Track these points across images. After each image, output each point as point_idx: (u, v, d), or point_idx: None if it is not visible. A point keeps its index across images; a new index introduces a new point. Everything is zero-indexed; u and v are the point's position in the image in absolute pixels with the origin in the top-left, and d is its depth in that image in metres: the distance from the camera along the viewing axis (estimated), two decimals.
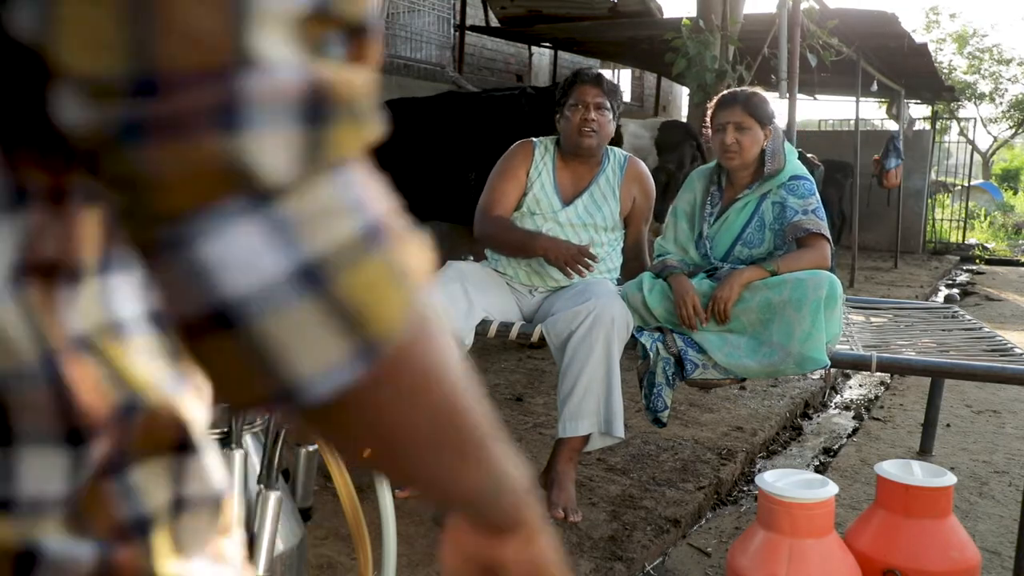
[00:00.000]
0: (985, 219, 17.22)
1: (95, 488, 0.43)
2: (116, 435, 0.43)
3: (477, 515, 0.54)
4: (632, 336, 2.71)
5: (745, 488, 3.43)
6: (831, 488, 2.06)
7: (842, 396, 5.12)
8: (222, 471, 0.50)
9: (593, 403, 2.57)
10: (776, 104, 3.83)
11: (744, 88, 2.93)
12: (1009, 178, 27.71)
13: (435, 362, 0.43)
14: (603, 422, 2.59)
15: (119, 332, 0.44)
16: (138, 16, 0.32)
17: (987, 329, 3.25)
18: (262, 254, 0.35)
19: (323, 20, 0.36)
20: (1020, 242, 16.18)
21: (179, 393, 0.48)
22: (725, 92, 2.97)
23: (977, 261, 13.06)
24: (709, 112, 2.89)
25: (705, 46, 5.47)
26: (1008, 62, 25.32)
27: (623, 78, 14.87)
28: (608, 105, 2.86)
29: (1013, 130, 27.56)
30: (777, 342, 2.58)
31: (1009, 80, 25.61)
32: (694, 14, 5.79)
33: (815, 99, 11.83)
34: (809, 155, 6.38)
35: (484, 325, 2.76)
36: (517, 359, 5.06)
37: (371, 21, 0.39)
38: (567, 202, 2.90)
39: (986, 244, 14.64)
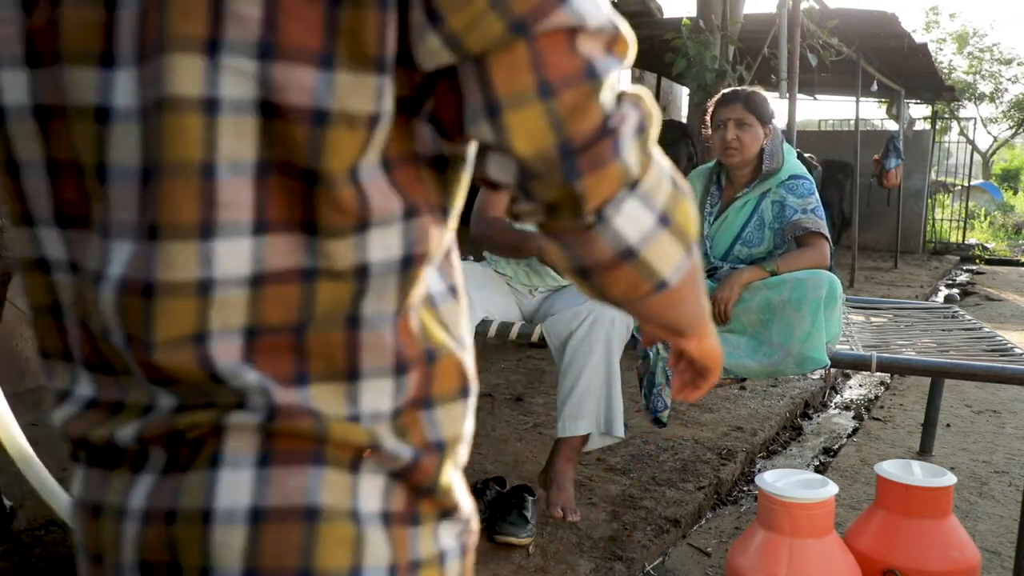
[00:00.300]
0: (985, 219, 17.22)
1: (411, 414, 0.64)
2: (422, 374, 0.65)
3: (692, 334, 0.82)
4: (632, 336, 2.71)
5: (745, 488, 3.43)
6: (831, 488, 2.06)
7: (842, 396, 5.12)
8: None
9: (592, 403, 2.57)
10: (776, 104, 3.84)
11: (745, 87, 2.94)
12: (1009, 178, 27.70)
13: (700, 260, 0.73)
14: (603, 422, 2.59)
15: (431, 301, 0.67)
16: (556, 118, 0.57)
17: (987, 329, 3.25)
18: (641, 215, 0.63)
19: (611, 45, 0.60)
20: (1020, 242, 16.18)
21: (463, 352, 0.69)
22: (726, 90, 2.98)
23: (977, 261, 13.06)
24: (709, 110, 2.89)
25: (705, 46, 5.47)
26: (1008, 62, 25.31)
27: (623, 78, 14.88)
28: None
29: (1013, 130, 27.56)
30: (777, 342, 2.58)
31: (1009, 80, 25.62)
32: (694, 14, 5.79)
33: (815, 99, 11.83)
34: (807, 155, 6.37)
35: (484, 325, 2.76)
36: (517, 359, 5.06)
37: (621, 26, 0.61)
38: None
39: (986, 244, 14.64)
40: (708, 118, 2.89)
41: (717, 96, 2.91)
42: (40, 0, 0.59)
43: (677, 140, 5.49)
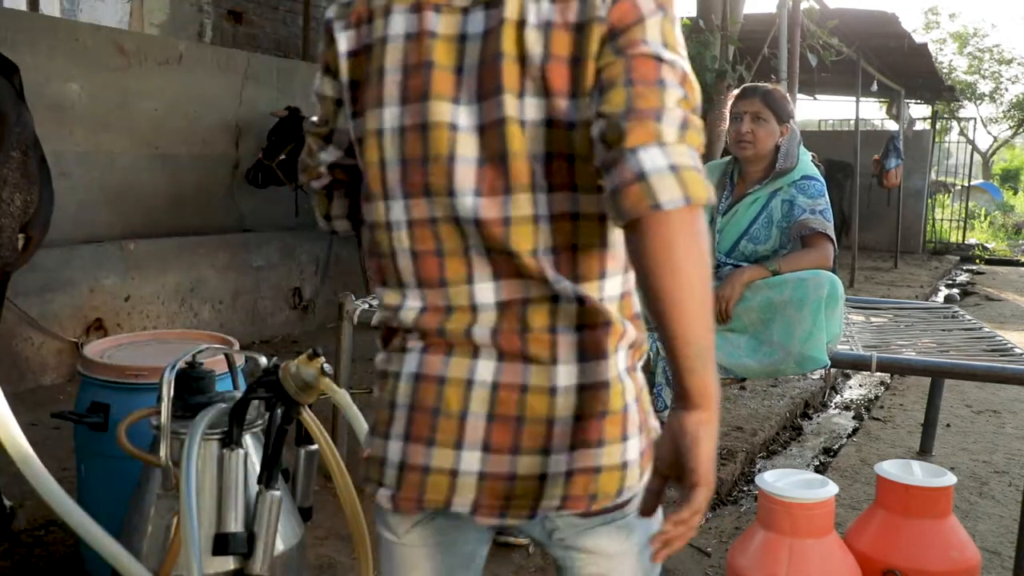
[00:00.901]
0: (985, 219, 17.22)
1: (628, 298, 1.13)
2: (630, 275, 1.12)
3: (692, 371, 0.96)
4: None
5: (745, 488, 3.43)
6: (831, 488, 2.06)
7: (842, 396, 5.12)
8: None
9: None
10: None
11: (766, 84, 2.94)
12: (1009, 178, 27.68)
13: (702, 230, 0.96)
14: None
15: (628, 295, 1.12)
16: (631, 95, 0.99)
17: (987, 329, 3.25)
18: (658, 159, 0.94)
19: (682, 80, 1.02)
20: (1020, 242, 16.18)
21: (641, 335, 1.14)
22: (747, 84, 2.99)
23: (977, 261, 13.06)
24: (728, 103, 2.91)
25: (705, 46, 5.45)
26: (1008, 62, 25.28)
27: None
28: None
29: (1013, 130, 27.52)
30: (778, 342, 2.58)
31: (1009, 80, 25.58)
32: (694, 14, 5.77)
33: (815, 99, 11.84)
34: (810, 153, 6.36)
35: None
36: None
37: (690, 73, 1.03)
38: None
39: (986, 244, 14.64)
40: (727, 111, 2.90)
41: (738, 90, 2.92)
42: (416, 69, 1.08)
43: None
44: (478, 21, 1.06)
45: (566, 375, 1.06)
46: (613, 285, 1.10)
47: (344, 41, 1.14)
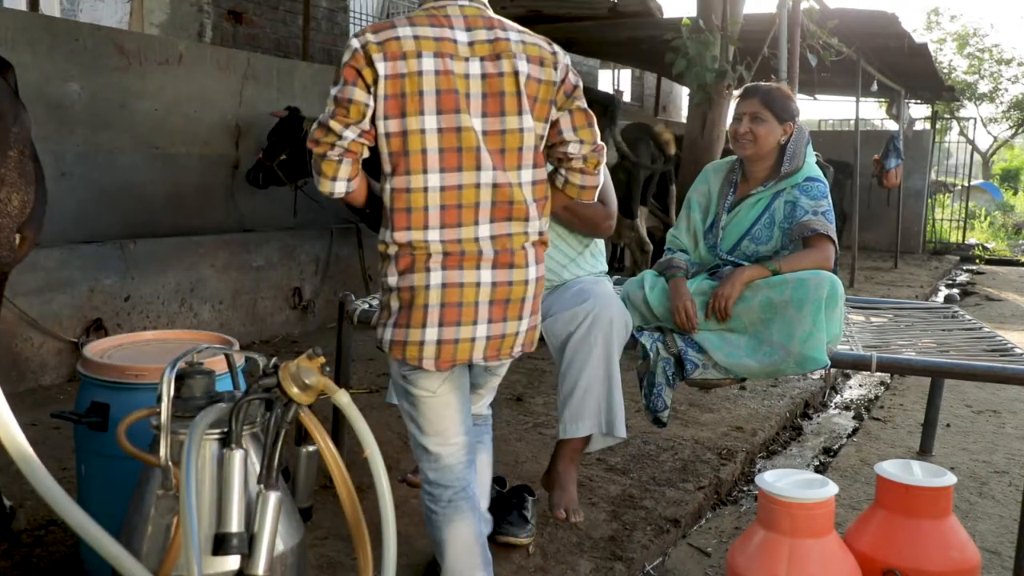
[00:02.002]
0: (985, 219, 17.21)
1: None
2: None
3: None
4: (632, 336, 2.70)
5: (745, 488, 3.43)
6: (831, 488, 2.06)
7: (842, 396, 5.12)
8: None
9: (593, 404, 2.57)
10: None
11: (770, 83, 2.94)
12: (1009, 178, 27.66)
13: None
14: (604, 422, 2.59)
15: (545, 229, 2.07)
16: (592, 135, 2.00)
17: (987, 329, 3.25)
18: (601, 176, 2.03)
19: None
20: (1020, 242, 16.17)
21: None
22: (748, 84, 3.00)
23: (977, 261, 13.06)
24: (734, 103, 2.92)
25: (705, 46, 5.45)
26: (1008, 62, 25.26)
27: (623, 78, 14.85)
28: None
29: (1013, 130, 27.50)
30: (778, 342, 2.58)
31: (1009, 80, 25.55)
32: (694, 14, 5.77)
33: (815, 99, 11.82)
34: (816, 152, 6.34)
35: None
36: (517, 359, 5.06)
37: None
38: None
39: (986, 244, 14.64)
40: (733, 111, 2.92)
41: (740, 90, 2.93)
42: (447, 93, 1.81)
43: (639, 139, 6.11)
44: (476, 67, 1.84)
45: (533, 273, 1.93)
46: (545, 222, 1.97)
47: (383, 67, 1.77)
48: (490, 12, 1.93)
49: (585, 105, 1.93)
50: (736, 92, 2.98)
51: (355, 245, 6.05)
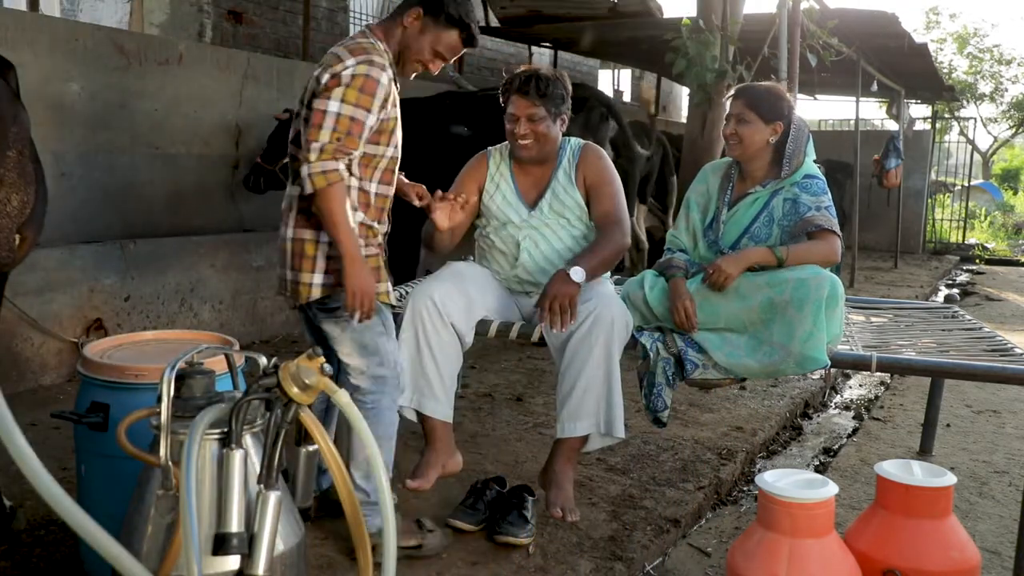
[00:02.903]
0: (985, 219, 17.21)
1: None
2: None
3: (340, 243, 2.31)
4: (632, 336, 2.70)
5: (745, 488, 3.43)
6: (831, 488, 2.06)
7: (842, 396, 5.12)
8: None
9: (592, 403, 2.57)
10: None
11: (761, 83, 2.94)
12: (1009, 178, 27.65)
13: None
14: (603, 422, 2.59)
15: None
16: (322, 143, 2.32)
17: (987, 329, 3.25)
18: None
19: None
20: (1020, 242, 16.17)
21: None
22: (738, 85, 3.00)
23: (977, 261, 13.05)
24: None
25: (705, 46, 5.46)
26: (1008, 62, 25.26)
27: (623, 78, 14.86)
28: (542, 114, 2.76)
29: (1013, 130, 27.50)
30: (778, 342, 2.58)
31: (1009, 80, 25.56)
32: (694, 14, 5.78)
33: (815, 99, 11.83)
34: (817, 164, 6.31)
35: (484, 325, 2.76)
36: (517, 359, 5.06)
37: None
38: (532, 205, 2.87)
39: (986, 244, 14.63)
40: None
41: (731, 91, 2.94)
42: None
43: (594, 109, 5.26)
44: None
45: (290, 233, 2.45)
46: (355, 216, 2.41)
47: (392, 95, 2.37)
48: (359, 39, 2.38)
49: (325, 107, 2.26)
50: (729, 93, 2.98)
51: None
